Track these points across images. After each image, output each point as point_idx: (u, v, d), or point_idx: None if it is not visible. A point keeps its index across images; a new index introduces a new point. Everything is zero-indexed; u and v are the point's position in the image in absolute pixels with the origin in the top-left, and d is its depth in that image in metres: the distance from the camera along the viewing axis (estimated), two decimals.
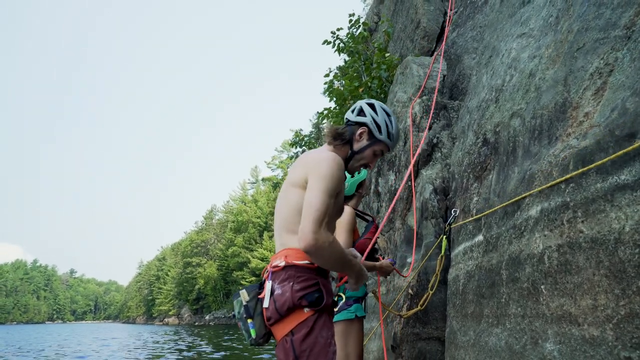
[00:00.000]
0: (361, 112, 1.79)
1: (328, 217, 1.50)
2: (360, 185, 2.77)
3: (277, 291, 1.54)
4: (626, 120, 1.45)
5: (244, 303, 1.60)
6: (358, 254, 1.81)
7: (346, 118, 1.84)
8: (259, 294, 1.61)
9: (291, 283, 1.53)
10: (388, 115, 1.80)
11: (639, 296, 1.25)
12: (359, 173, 1.99)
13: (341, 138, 1.74)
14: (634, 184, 1.36)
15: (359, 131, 1.76)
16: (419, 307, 3.09)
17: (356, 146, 1.76)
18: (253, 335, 1.57)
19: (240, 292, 1.64)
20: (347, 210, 2.60)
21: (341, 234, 2.56)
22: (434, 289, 3.04)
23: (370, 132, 1.76)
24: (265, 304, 1.55)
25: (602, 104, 1.66)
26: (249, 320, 1.58)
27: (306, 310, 1.52)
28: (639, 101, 1.41)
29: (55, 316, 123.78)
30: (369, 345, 4.68)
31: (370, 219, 2.90)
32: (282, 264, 1.56)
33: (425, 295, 3.08)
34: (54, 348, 13.47)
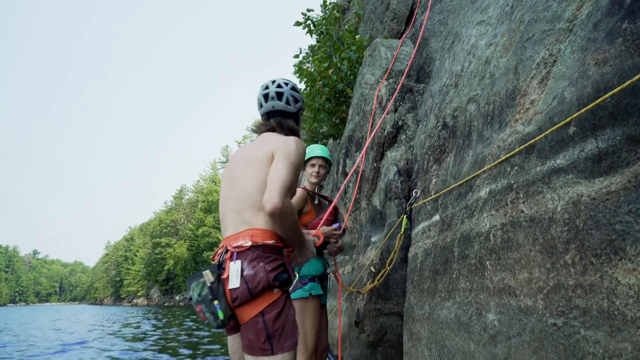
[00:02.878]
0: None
1: (291, 190, 1.61)
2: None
3: (248, 271, 1.52)
4: (563, 109, 1.56)
5: (209, 284, 1.55)
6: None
7: (283, 110, 1.95)
8: (221, 274, 1.57)
9: (261, 263, 1.53)
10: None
11: (565, 269, 1.39)
12: None
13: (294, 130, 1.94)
14: (567, 167, 1.48)
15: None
16: (375, 282, 3.24)
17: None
18: (221, 316, 1.54)
19: (204, 272, 1.58)
20: (299, 191, 2.69)
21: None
22: (391, 265, 3.19)
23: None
24: (235, 284, 1.51)
25: (545, 93, 1.77)
26: (215, 302, 1.54)
27: (276, 290, 1.55)
28: (574, 91, 1.52)
29: (17, 298, 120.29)
30: (334, 322, 4.84)
31: (327, 202, 3.00)
32: (248, 243, 1.55)
33: (383, 271, 3.23)
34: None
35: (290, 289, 2.56)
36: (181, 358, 6.67)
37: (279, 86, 1.90)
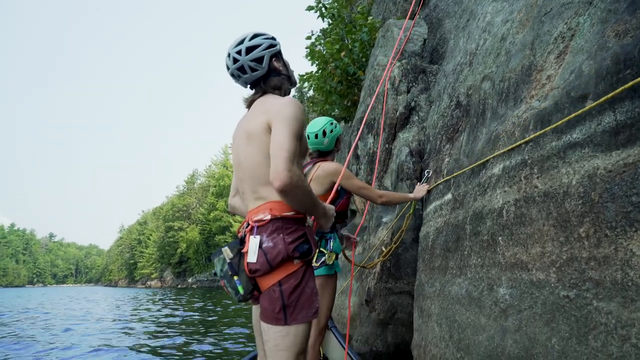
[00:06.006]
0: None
1: (297, 158, 1.52)
2: (338, 140, 2.84)
3: (268, 244, 1.52)
4: (581, 83, 1.54)
5: (228, 260, 1.57)
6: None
7: (255, 79, 1.77)
8: (241, 249, 1.58)
9: (281, 235, 1.53)
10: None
11: (579, 242, 1.39)
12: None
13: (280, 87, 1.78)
14: (583, 141, 1.47)
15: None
16: (382, 259, 3.29)
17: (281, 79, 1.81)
18: (241, 291, 1.55)
19: (223, 249, 1.60)
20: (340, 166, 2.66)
21: (356, 182, 2.66)
22: (398, 242, 3.24)
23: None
24: (252, 258, 1.52)
25: (563, 67, 1.75)
26: (235, 277, 1.56)
27: (296, 261, 1.54)
28: (593, 64, 1.50)
29: (35, 280, 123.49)
30: (344, 301, 4.90)
31: None
32: (268, 217, 1.55)
33: (389, 248, 3.28)
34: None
35: (314, 262, 2.58)
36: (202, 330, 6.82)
37: (234, 61, 1.73)
